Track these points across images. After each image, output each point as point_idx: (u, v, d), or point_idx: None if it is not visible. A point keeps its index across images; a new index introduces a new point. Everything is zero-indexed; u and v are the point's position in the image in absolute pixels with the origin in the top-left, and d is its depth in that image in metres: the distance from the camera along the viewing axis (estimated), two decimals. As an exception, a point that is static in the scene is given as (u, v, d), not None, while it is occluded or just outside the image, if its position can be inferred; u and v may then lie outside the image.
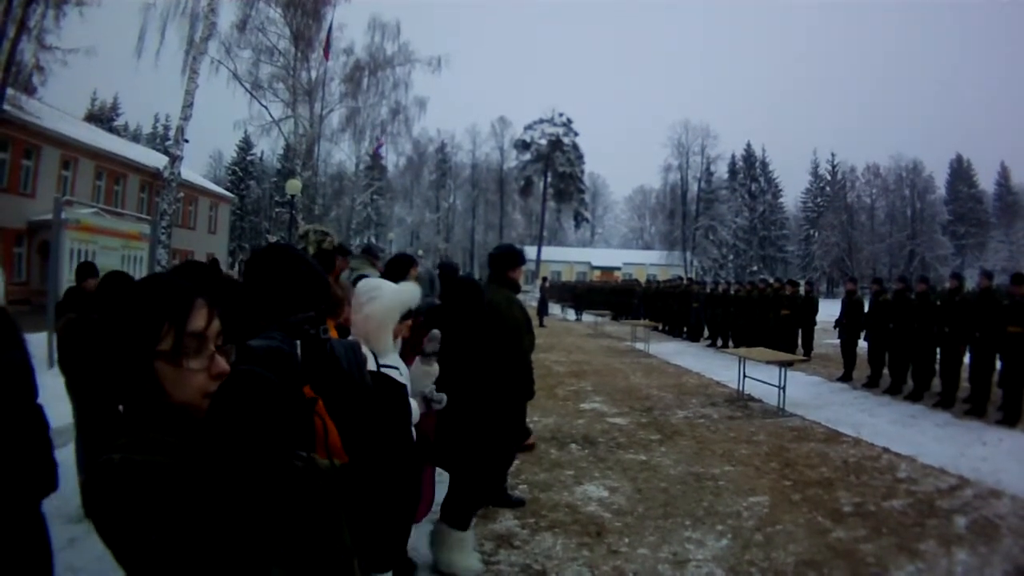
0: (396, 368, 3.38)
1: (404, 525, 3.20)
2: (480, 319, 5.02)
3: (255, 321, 1.67)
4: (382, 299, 3.19)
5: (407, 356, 3.74)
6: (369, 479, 1.49)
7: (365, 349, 3.23)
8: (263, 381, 1.17)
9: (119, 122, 71.24)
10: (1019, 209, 70.95)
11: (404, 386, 1.59)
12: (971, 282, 14.70)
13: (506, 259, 5.69)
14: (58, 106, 31.33)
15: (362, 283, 3.31)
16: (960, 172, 73.51)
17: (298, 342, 1.36)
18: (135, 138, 62.91)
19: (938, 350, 10.99)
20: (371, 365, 3.12)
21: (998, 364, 9.84)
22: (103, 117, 65.80)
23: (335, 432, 1.56)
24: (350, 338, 1.52)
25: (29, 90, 25.85)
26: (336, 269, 6.43)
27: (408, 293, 3.28)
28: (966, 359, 10.52)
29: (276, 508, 1.22)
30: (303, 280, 2.07)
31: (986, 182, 74.17)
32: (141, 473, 1.12)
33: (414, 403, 3.50)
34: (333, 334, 2.15)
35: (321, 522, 1.40)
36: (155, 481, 1.12)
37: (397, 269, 5.78)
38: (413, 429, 3.15)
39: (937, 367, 11.03)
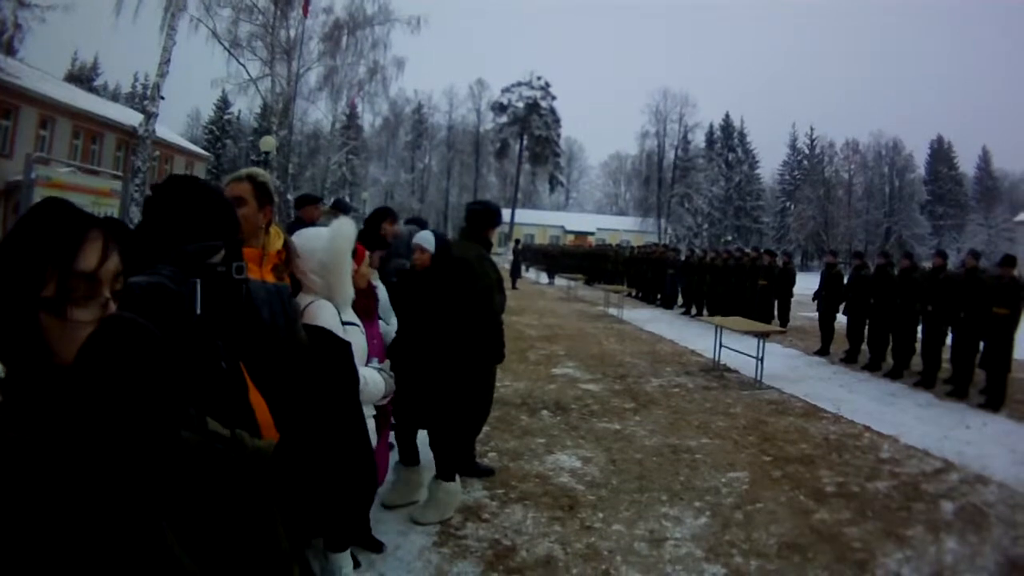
0: (357, 325, 3.12)
1: (360, 502, 2.89)
2: (445, 277, 4.81)
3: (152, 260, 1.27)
4: (330, 239, 2.97)
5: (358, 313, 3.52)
6: (307, 461, 1.12)
7: (323, 306, 2.94)
8: (131, 330, 0.81)
9: (99, 82, 70.89)
10: (999, 194, 71.87)
11: (348, 344, 1.21)
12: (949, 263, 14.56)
13: (485, 217, 5.53)
14: (38, 66, 30.73)
15: (300, 234, 3.05)
16: (941, 153, 73.86)
17: (197, 281, 0.98)
18: (114, 97, 61.78)
19: (920, 328, 10.78)
20: (336, 323, 2.82)
21: (981, 345, 9.62)
22: (83, 77, 65.30)
23: (263, 404, 1.19)
24: (281, 285, 1.10)
25: (10, 50, 25.31)
26: (308, 218, 6.18)
27: (349, 229, 3.04)
28: (948, 339, 10.32)
29: (160, 503, 0.92)
30: (209, 210, 1.60)
31: (966, 165, 74.76)
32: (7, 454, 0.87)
33: (382, 377, 3.24)
34: (267, 276, 1.76)
35: (247, 524, 1.08)
36: (20, 466, 0.86)
37: (373, 220, 5.58)
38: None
39: (918, 346, 10.82)
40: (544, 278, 36.17)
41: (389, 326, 4.55)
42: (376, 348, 3.79)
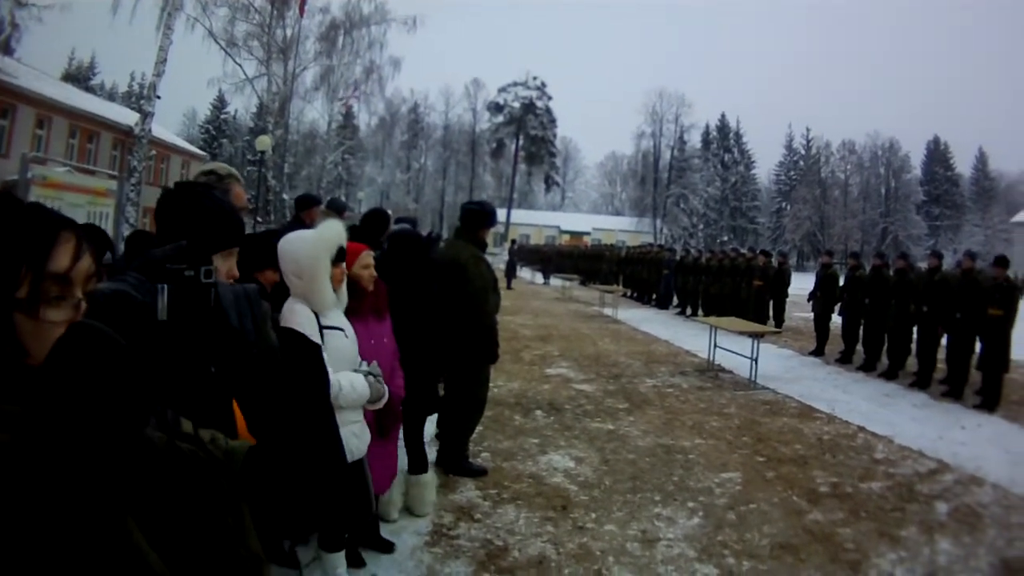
0: (341, 329, 3.14)
1: (351, 506, 2.88)
2: (425, 275, 4.72)
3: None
4: (305, 246, 3.04)
5: (368, 313, 3.57)
6: (277, 462, 1.13)
7: (296, 309, 2.96)
8: (94, 337, 0.88)
9: (95, 81, 71.20)
10: (995, 194, 72.04)
11: (317, 346, 1.20)
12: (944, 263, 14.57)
13: (479, 217, 5.53)
14: (35, 65, 30.87)
15: (282, 241, 3.12)
16: (937, 154, 73.98)
17: (164, 287, 0.98)
18: (111, 97, 62.14)
19: (915, 329, 10.76)
20: (308, 326, 2.83)
21: (977, 346, 9.62)
22: (80, 76, 65.89)
23: (235, 408, 1.19)
24: (248, 287, 1.09)
25: (8, 50, 25.40)
26: (309, 220, 6.13)
27: (331, 232, 3.11)
28: (943, 340, 10.30)
29: (123, 499, 0.95)
30: (212, 220, 1.61)
31: (963, 166, 74.84)
32: None
33: (368, 381, 3.22)
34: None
35: (216, 524, 1.11)
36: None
37: (374, 225, 5.43)
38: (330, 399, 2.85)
39: (913, 346, 10.81)
40: (539, 278, 36.01)
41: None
42: (387, 347, 3.78)
